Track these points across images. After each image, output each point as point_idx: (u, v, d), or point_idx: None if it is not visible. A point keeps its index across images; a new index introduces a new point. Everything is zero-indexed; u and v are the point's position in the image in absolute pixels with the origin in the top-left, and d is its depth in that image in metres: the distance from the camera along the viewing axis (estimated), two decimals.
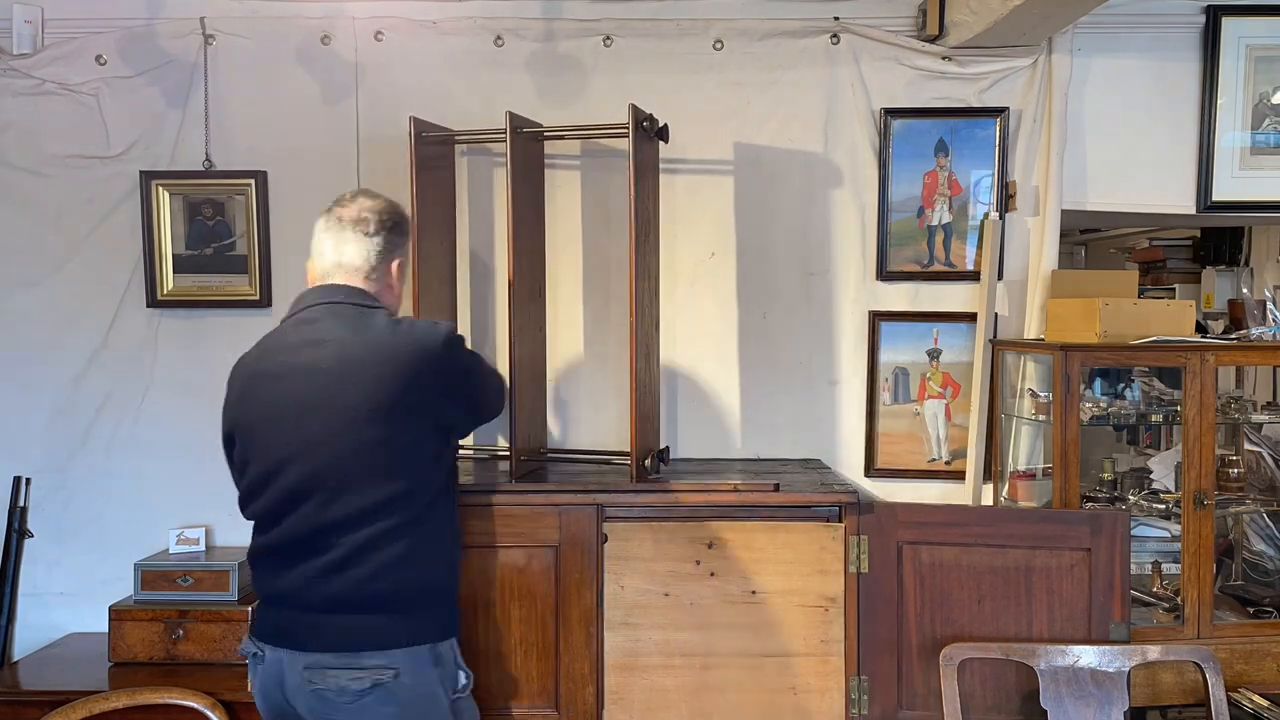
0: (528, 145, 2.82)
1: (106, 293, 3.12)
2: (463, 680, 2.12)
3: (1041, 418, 3.03)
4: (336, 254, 2.12)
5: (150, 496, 3.07)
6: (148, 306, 3.11)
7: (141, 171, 3.07)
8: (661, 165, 2.92)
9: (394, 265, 2.16)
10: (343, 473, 2.00)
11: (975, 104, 3.12)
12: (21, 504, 3.06)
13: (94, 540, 3.12)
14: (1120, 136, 3.17)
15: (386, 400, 1.99)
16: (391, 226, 2.15)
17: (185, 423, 3.06)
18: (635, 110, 2.61)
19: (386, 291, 2.16)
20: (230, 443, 2.14)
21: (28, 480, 3.08)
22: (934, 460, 3.18)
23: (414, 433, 2.03)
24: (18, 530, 3.04)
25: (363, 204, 2.14)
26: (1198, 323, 3.36)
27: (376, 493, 2.00)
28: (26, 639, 3.05)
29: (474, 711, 2.23)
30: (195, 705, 2.18)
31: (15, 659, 2.99)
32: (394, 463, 2.01)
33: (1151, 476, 3.19)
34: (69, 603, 3.11)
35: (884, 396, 3.18)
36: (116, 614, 2.84)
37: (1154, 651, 2.50)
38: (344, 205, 2.15)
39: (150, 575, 2.89)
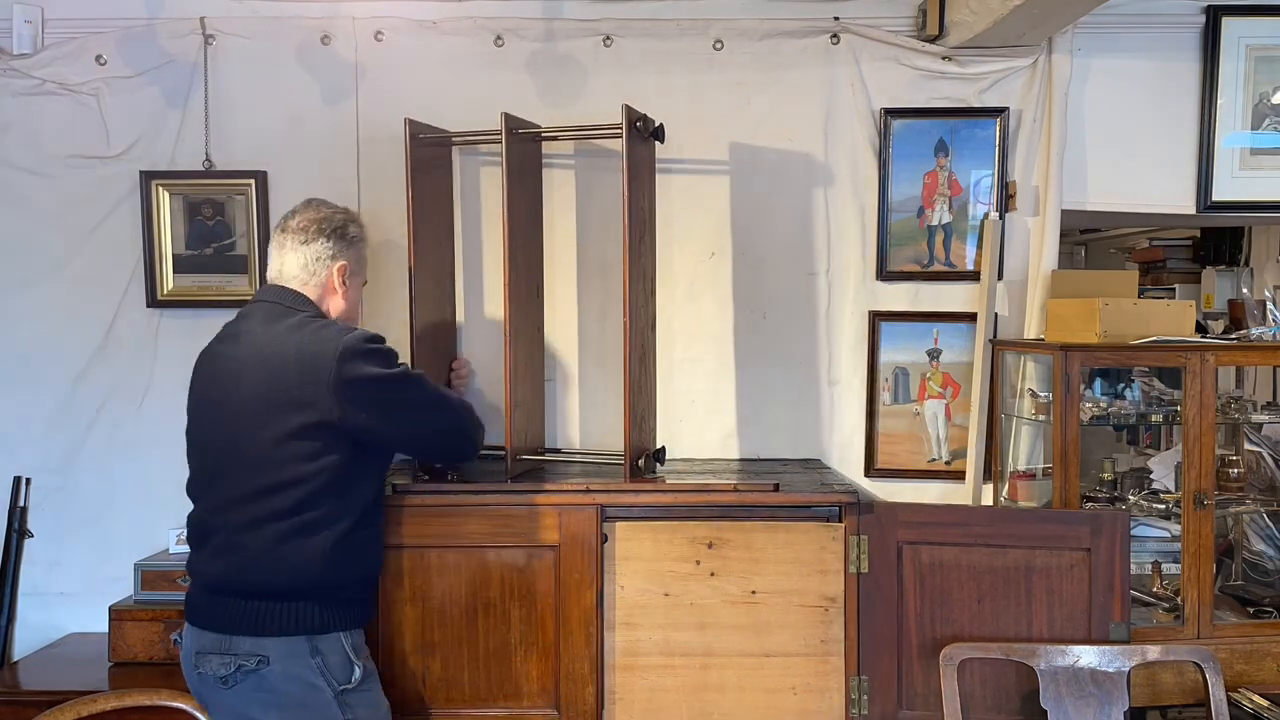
0: (524, 146, 2.82)
1: (106, 293, 3.11)
2: (357, 674, 2.16)
3: (1041, 418, 3.03)
4: (279, 263, 2.30)
5: (150, 496, 3.07)
6: (148, 306, 3.11)
7: (141, 171, 3.07)
8: (661, 166, 2.92)
9: (334, 269, 2.28)
10: (227, 461, 2.14)
11: (975, 104, 3.12)
12: (21, 504, 3.06)
13: (94, 540, 3.11)
14: (1120, 136, 3.17)
15: (269, 395, 2.10)
16: (330, 233, 2.29)
17: (185, 422, 3.05)
18: (628, 111, 2.61)
19: (330, 295, 2.29)
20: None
21: (28, 480, 3.08)
22: (934, 460, 3.18)
23: (294, 428, 2.09)
24: (18, 530, 3.04)
25: (303, 216, 2.31)
26: (1198, 323, 3.36)
27: (252, 482, 2.11)
28: (26, 639, 3.05)
29: (375, 704, 2.22)
30: (183, 707, 2.19)
31: (15, 659, 2.99)
32: (272, 455, 2.10)
33: (1151, 476, 3.19)
34: (69, 603, 3.11)
35: (884, 396, 3.18)
36: (116, 614, 2.85)
37: (1154, 651, 2.49)
38: (288, 219, 2.32)
39: (150, 575, 2.89)
